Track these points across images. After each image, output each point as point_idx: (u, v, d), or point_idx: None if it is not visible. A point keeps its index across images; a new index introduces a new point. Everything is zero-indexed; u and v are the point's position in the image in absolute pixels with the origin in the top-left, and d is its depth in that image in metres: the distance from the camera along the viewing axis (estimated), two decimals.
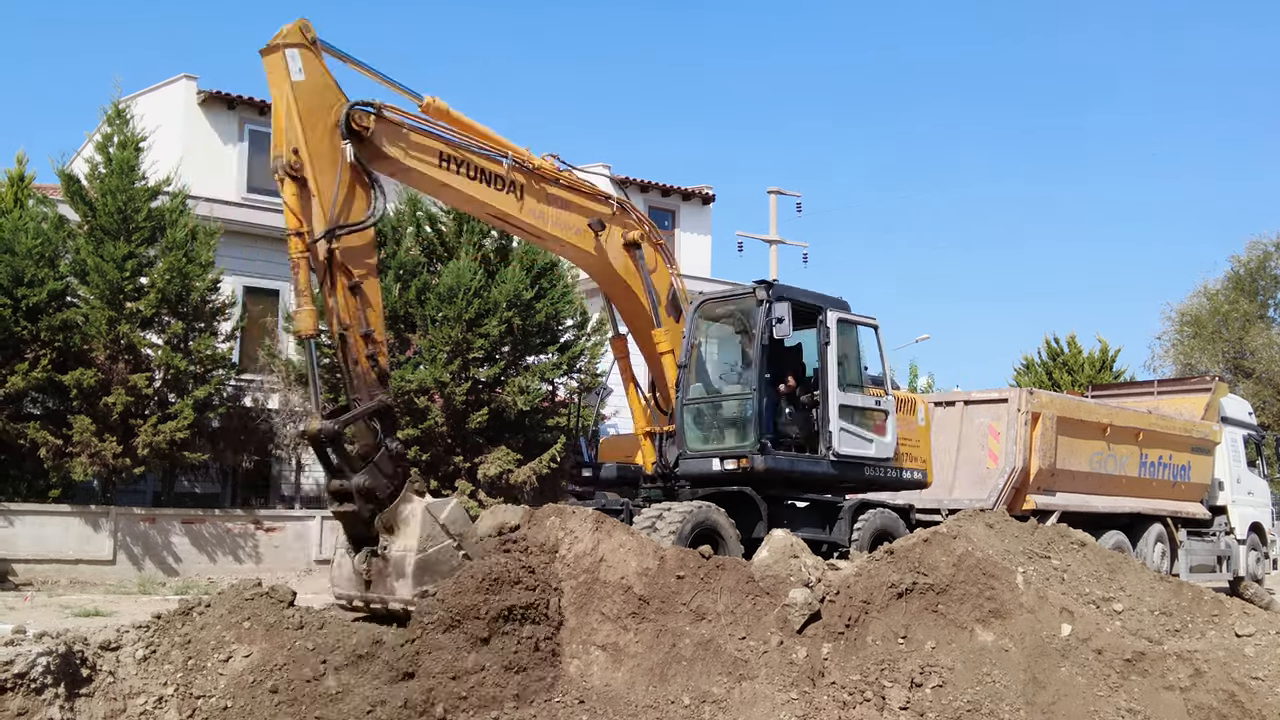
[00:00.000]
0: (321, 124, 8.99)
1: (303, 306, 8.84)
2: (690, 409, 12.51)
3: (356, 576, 8.59)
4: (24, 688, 6.13)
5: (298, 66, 8.88)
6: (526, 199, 10.93)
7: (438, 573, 8.16)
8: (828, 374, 12.54)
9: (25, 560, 18.08)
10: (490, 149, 10.65)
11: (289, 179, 8.88)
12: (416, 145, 9.92)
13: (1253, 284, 41.05)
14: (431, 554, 8.34)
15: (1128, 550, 16.62)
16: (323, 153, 8.97)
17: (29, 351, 18.47)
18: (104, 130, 20.00)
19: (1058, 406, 16.15)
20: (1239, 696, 7.14)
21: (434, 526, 8.48)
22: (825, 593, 7.77)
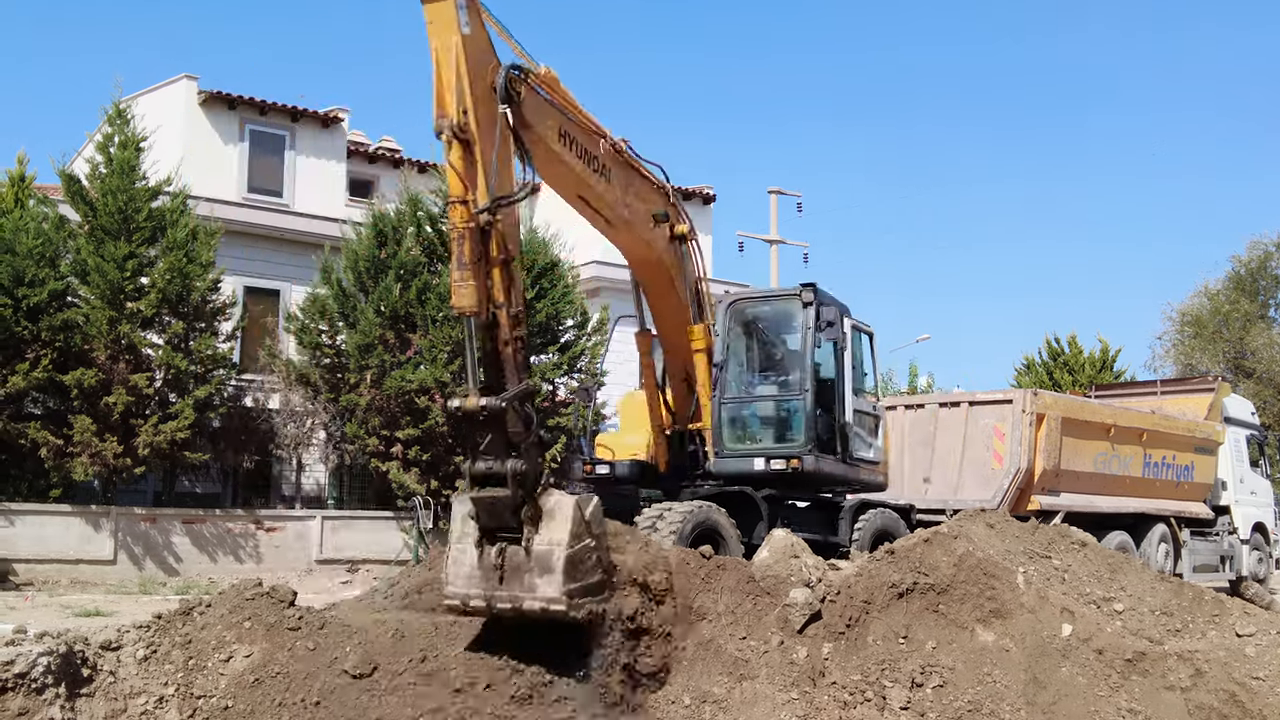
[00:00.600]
0: (481, 84, 8.26)
1: (467, 282, 7.99)
2: (729, 408, 12.50)
3: (485, 572, 7.65)
4: (25, 688, 6.13)
5: (464, 19, 8.08)
6: (613, 183, 10.41)
7: (580, 572, 7.56)
8: (844, 378, 12.60)
9: (26, 560, 18.10)
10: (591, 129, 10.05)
11: (456, 142, 8.09)
12: (547, 114, 9.26)
13: (1253, 284, 41.04)
14: (579, 550, 7.67)
15: (1131, 550, 16.62)
16: (487, 117, 8.25)
17: (30, 351, 18.48)
18: (105, 130, 20.02)
19: (1062, 407, 16.16)
20: (1240, 696, 7.13)
21: (581, 524, 7.80)
22: (826, 593, 7.77)
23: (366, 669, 6.96)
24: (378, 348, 20.70)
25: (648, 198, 11.11)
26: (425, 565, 8.38)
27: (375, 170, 28.70)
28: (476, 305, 7.90)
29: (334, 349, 21.57)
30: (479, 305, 7.90)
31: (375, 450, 20.85)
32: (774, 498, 12.29)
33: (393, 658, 7.12)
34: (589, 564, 7.62)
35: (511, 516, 7.76)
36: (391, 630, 7.39)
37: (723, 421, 12.44)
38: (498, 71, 8.30)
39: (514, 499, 7.69)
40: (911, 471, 16.04)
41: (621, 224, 10.98)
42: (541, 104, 9.06)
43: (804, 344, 12.39)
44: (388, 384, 20.39)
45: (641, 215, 11.01)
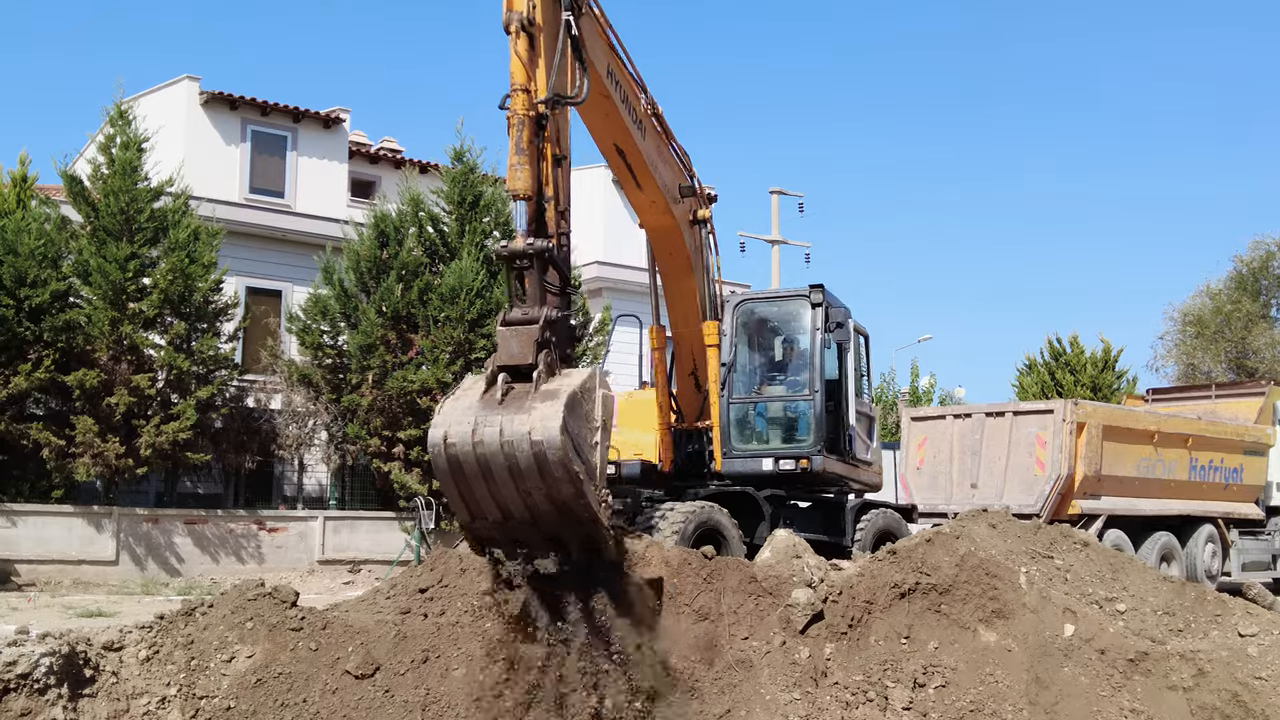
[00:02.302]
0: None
1: (523, 165, 8.15)
2: (736, 408, 12.57)
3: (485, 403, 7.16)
4: (27, 688, 6.15)
5: None
6: (649, 140, 10.65)
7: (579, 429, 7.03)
8: (847, 379, 12.73)
9: (28, 561, 18.11)
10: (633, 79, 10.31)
11: (523, 34, 8.31)
12: (596, 45, 9.44)
13: (1255, 284, 41.00)
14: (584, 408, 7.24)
15: (1176, 550, 17.45)
16: (551, 21, 8.55)
17: (32, 352, 18.49)
18: (106, 131, 20.04)
19: (1103, 416, 16.71)
20: (1242, 697, 7.13)
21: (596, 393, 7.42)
22: (828, 593, 7.76)
23: (368, 670, 6.97)
24: (379, 348, 20.71)
25: (675, 168, 11.31)
26: (427, 565, 8.38)
27: (377, 171, 28.71)
28: (530, 188, 8.00)
29: (336, 349, 21.57)
30: (531, 189, 8.00)
31: (377, 451, 20.85)
32: (777, 498, 12.31)
33: (395, 658, 7.11)
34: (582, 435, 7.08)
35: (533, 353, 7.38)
36: (394, 631, 7.39)
37: (730, 421, 12.45)
38: None
39: (540, 337, 7.41)
40: (960, 478, 16.79)
41: (650, 187, 11.09)
42: (597, 31, 9.33)
43: (812, 345, 12.49)
44: (389, 384, 20.39)
45: (669, 182, 11.15)
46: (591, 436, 7.29)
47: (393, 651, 7.17)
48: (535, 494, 6.83)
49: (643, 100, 10.43)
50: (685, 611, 7.69)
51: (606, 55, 9.65)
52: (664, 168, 11.07)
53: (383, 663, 7.05)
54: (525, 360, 7.32)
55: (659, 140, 10.89)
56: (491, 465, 6.81)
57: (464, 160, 22.11)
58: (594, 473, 7.18)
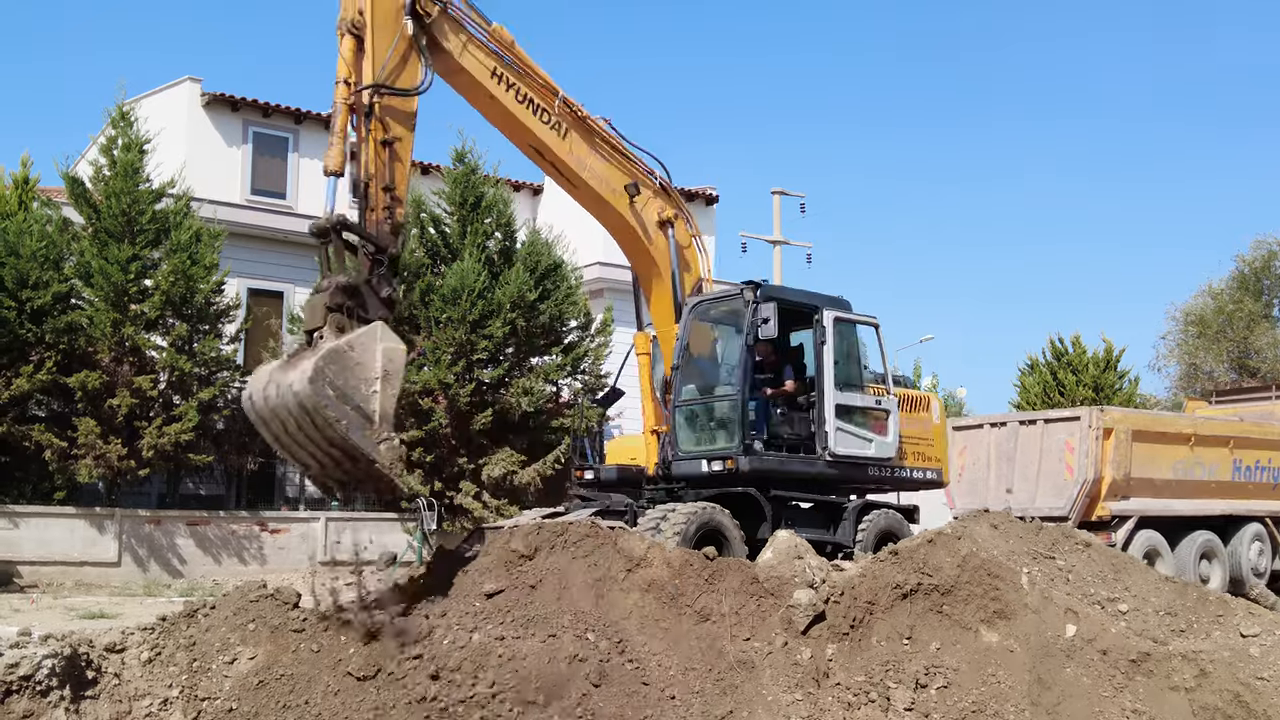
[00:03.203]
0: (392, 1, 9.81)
1: (334, 145, 9.33)
2: (682, 410, 12.58)
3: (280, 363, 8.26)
4: (29, 690, 6.15)
5: None
6: (570, 141, 11.62)
7: (345, 379, 7.88)
8: (823, 374, 12.52)
9: (30, 562, 18.10)
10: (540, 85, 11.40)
11: (349, 35, 9.50)
12: (475, 51, 10.78)
13: (1257, 283, 40.94)
14: (349, 356, 8.06)
15: (1218, 549, 17.82)
16: (386, 24, 9.69)
17: (34, 354, 18.49)
18: (108, 133, 20.04)
19: (1132, 421, 17.49)
20: (1244, 697, 7.13)
21: (376, 345, 8.36)
22: (830, 594, 7.76)
23: (370, 670, 6.97)
24: None
25: (618, 168, 12.04)
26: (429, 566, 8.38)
27: None
28: (338, 167, 9.26)
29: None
30: (339, 167, 9.25)
31: None
32: (779, 498, 12.31)
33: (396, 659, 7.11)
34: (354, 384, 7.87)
35: (321, 317, 8.45)
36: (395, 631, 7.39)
37: (678, 424, 12.54)
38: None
39: (330, 302, 8.44)
40: (996, 483, 17.60)
41: (584, 187, 12.12)
42: (465, 34, 10.66)
43: (741, 342, 12.34)
44: None
45: (608, 182, 11.97)
46: (368, 386, 8.12)
47: (395, 653, 7.16)
48: (317, 440, 7.77)
49: (556, 103, 11.40)
50: (687, 612, 7.69)
51: (490, 60, 10.93)
52: (599, 167, 11.86)
53: (385, 664, 7.05)
54: (315, 325, 8.42)
55: (587, 141, 11.71)
56: (279, 416, 7.89)
57: (465, 161, 22.10)
58: (371, 416, 8.00)
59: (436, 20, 10.28)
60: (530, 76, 11.31)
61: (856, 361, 13.15)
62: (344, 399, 7.84)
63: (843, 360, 12.83)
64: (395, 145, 9.65)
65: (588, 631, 7.34)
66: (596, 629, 7.36)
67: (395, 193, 9.62)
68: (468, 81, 11.05)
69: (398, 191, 9.68)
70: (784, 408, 12.71)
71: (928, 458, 13.70)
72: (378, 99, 9.47)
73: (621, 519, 11.58)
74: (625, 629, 7.44)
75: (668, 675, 7.23)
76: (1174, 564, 17.13)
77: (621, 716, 6.92)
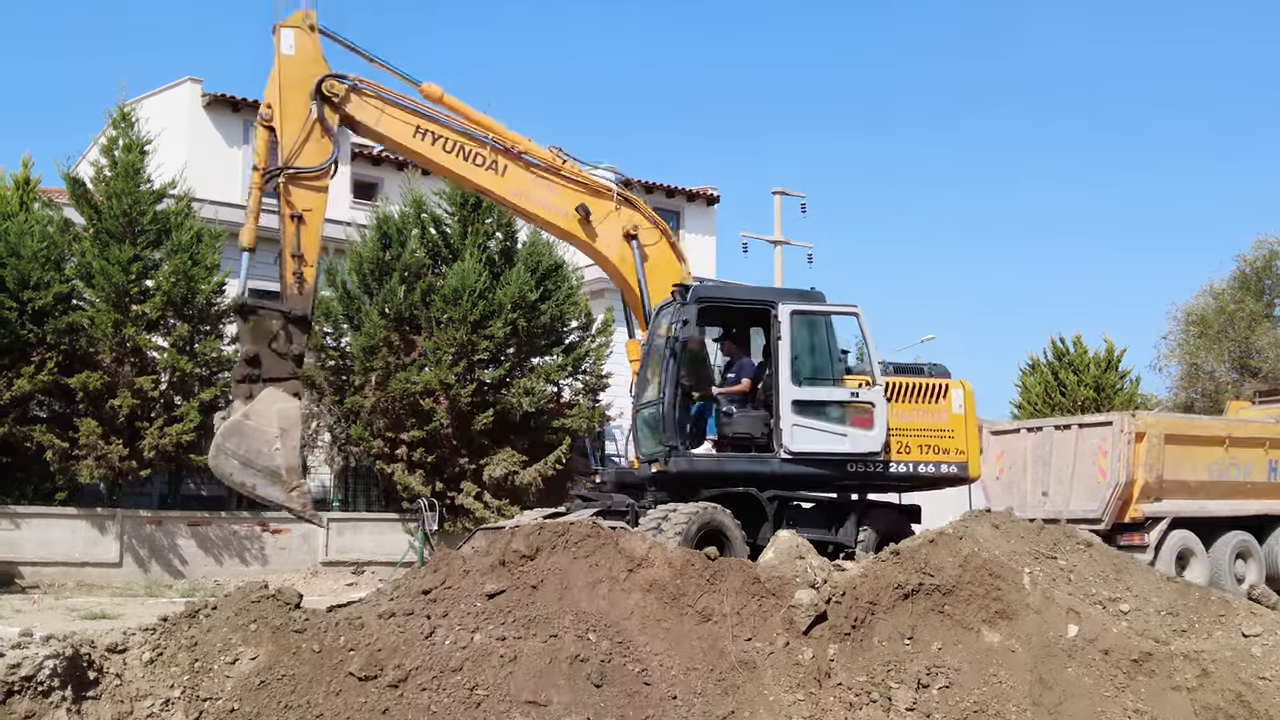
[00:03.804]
0: (305, 90, 11.44)
1: (246, 225, 11.40)
2: (640, 414, 12.77)
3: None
4: (31, 690, 6.15)
5: (290, 43, 11.41)
6: (509, 177, 12.47)
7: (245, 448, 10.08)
8: (778, 369, 12.23)
9: (32, 563, 18.11)
10: (477, 131, 12.41)
11: (262, 127, 11.39)
12: (394, 115, 12.07)
13: (1259, 283, 40.89)
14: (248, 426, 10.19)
15: (1253, 548, 18.07)
16: (295, 112, 11.38)
17: (35, 355, 18.50)
18: (109, 133, 20.05)
19: (1164, 425, 17.89)
20: (1246, 697, 7.13)
21: (268, 408, 10.28)
22: (831, 594, 7.76)
23: (372, 671, 6.97)
24: (382, 350, 20.71)
25: (563, 193, 12.74)
26: (430, 567, 8.39)
27: (379, 173, 28.71)
28: (248, 244, 11.42)
29: (339, 351, 21.58)
30: (249, 244, 11.41)
31: (380, 452, 20.85)
32: (781, 499, 12.30)
33: (398, 660, 7.11)
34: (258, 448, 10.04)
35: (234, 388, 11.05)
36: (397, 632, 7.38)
37: (637, 427, 12.85)
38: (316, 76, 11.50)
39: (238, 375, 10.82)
40: (1033, 487, 18.05)
41: (533, 216, 13.28)
42: (379, 104, 12.02)
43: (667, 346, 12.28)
44: (392, 386, 20.39)
45: (557, 208, 12.74)
46: (270, 446, 10.04)
47: (396, 653, 7.16)
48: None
49: (488, 145, 12.35)
50: (689, 613, 7.69)
51: (413, 120, 12.19)
52: (545, 195, 12.67)
53: (386, 665, 7.05)
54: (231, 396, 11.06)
55: (529, 174, 12.56)
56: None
57: None
58: (278, 471, 10.16)
59: (346, 99, 11.67)
60: (457, 125, 12.33)
61: (828, 354, 12.63)
62: (248, 464, 9.78)
63: (807, 354, 12.46)
64: (305, 216, 11.35)
65: (589, 632, 7.33)
66: (598, 629, 7.36)
67: (304, 259, 11.29)
68: (392, 143, 12.42)
69: (306, 257, 11.33)
70: (741, 407, 12.53)
71: (944, 450, 12.89)
72: (284, 180, 11.29)
73: (623, 519, 11.59)
74: (627, 629, 7.44)
75: (669, 675, 7.23)
76: (1209, 563, 17.37)
77: (623, 717, 6.92)
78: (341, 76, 11.71)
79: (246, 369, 10.69)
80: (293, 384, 10.89)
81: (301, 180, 11.35)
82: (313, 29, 11.60)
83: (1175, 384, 39.75)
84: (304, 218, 11.29)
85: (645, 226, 12.90)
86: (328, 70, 11.64)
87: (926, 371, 13.28)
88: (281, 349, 10.83)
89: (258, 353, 10.68)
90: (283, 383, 10.72)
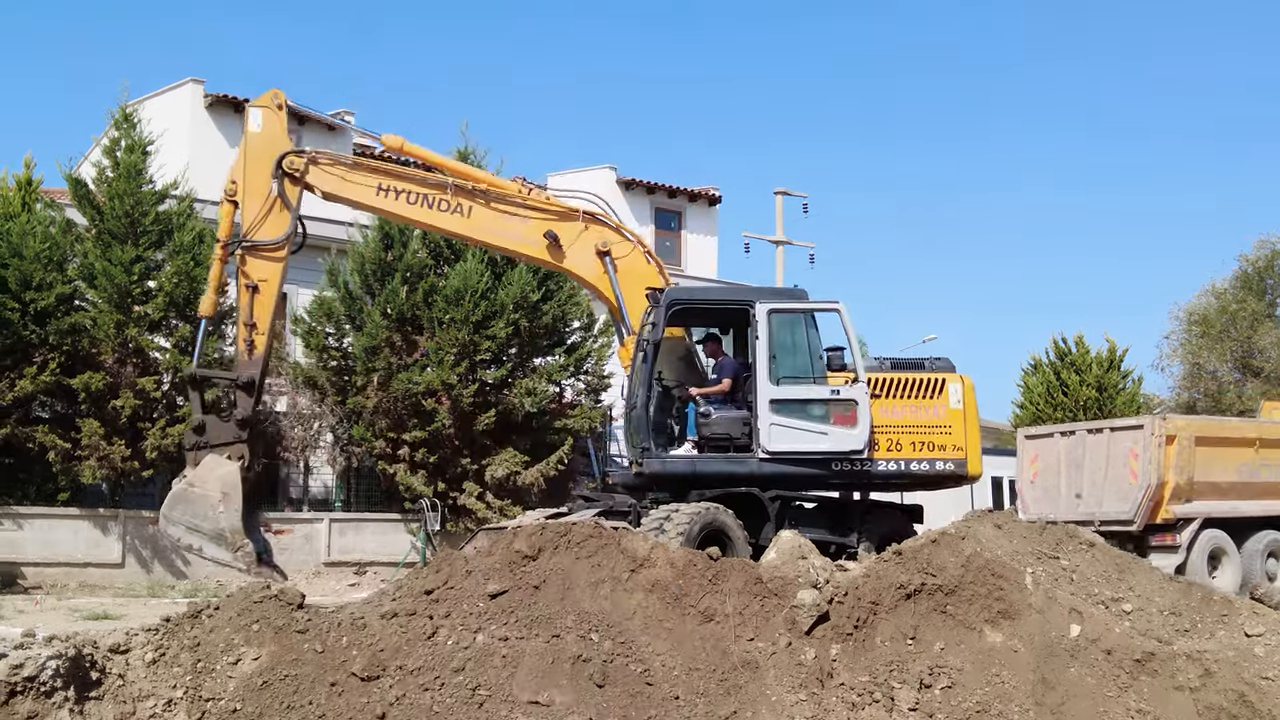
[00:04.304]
0: (268, 165, 12.28)
1: (208, 294, 12.62)
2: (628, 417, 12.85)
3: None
4: (34, 691, 6.15)
5: (257, 121, 12.38)
6: (475, 217, 12.89)
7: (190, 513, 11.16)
8: (756, 369, 12.18)
9: (34, 564, 18.13)
10: (437, 176, 13.07)
11: (227, 201, 12.30)
12: (355, 178, 12.79)
13: (1261, 282, 40.81)
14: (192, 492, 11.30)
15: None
16: (257, 187, 12.20)
17: (37, 355, 18.52)
18: (111, 134, 20.07)
19: (1195, 428, 18.15)
20: (1249, 696, 7.12)
21: (210, 474, 11.25)
22: (833, 594, 7.75)
23: (375, 671, 6.96)
24: (384, 350, 20.72)
25: (530, 223, 13.09)
26: (433, 567, 8.39)
27: None
28: (206, 312, 12.97)
29: (341, 351, 21.59)
30: (208, 312, 12.95)
31: (382, 452, 20.86)
32: (783, 499, 12.29)
33: (400, 660, 7.11)
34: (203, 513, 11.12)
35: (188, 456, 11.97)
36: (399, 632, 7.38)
37: (627, 430, 13.06)
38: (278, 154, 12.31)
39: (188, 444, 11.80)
40: (1066, 489, 18.35)
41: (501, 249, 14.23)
42: (339, 171, 12.75)
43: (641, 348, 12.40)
44: (395, 386, 20.40)
45: (526, 239, 13.10)
46: (214, 509, 11.09)
47: (398, 654, 7.16)
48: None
49: (449, 189, 12.82)
50: (691, 613, 7.68)
51: (374, 179, 12.77)
52: (513, 228, 13.05)
53: (388, 665, 7.05)
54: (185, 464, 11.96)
55: (494, 210, 12.96)
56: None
57: (469, 161, 22.10)
58: (223, 533, 11.23)
59: (306, 171, 12.38)
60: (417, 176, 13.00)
61: (809, 352, 12.41)
62: (194, 530, 10.79)
63: (787, 352, 12.30)
64: (260, 285, 12.03)
65: (591, 632, 7.33)
66: (600, 629, 7.35)
67: (256, 327, 12.01)
68: (357, 205, 13.31)
69: (259, 325, 12.05)
70: (722, 408, 12.51)
71: (939, 447, 12.56)
72: (241, 252, 12.05)
73: (625, 519, 11.59)
74: (629, 629, 7.44)
75: (672, 676, 7.22)
76: (1240, 562, 17.56)
77: (626, 717, 6.92)
78: (300, 151, 12.58)
79: (195, 437, 11.74)
80: (237, 448, 11.75)
81: (259, 252, 12.09)
82: (280, 108, 12.43)
83: (1177, 384, 39.67)
84: (259, 287, 11.98)
85: (616, 241, 13.10)
86: (290, 147, 12.49)
87: (928, 366, 13.03)
88: (225, 415, 11.92)
89: (204, 421, 11.77)
90: (226, 447, 11.66)
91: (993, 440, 31.12)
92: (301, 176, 12.39)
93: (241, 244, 12.03)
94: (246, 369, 12.05)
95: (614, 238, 13.14)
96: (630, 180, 30.83)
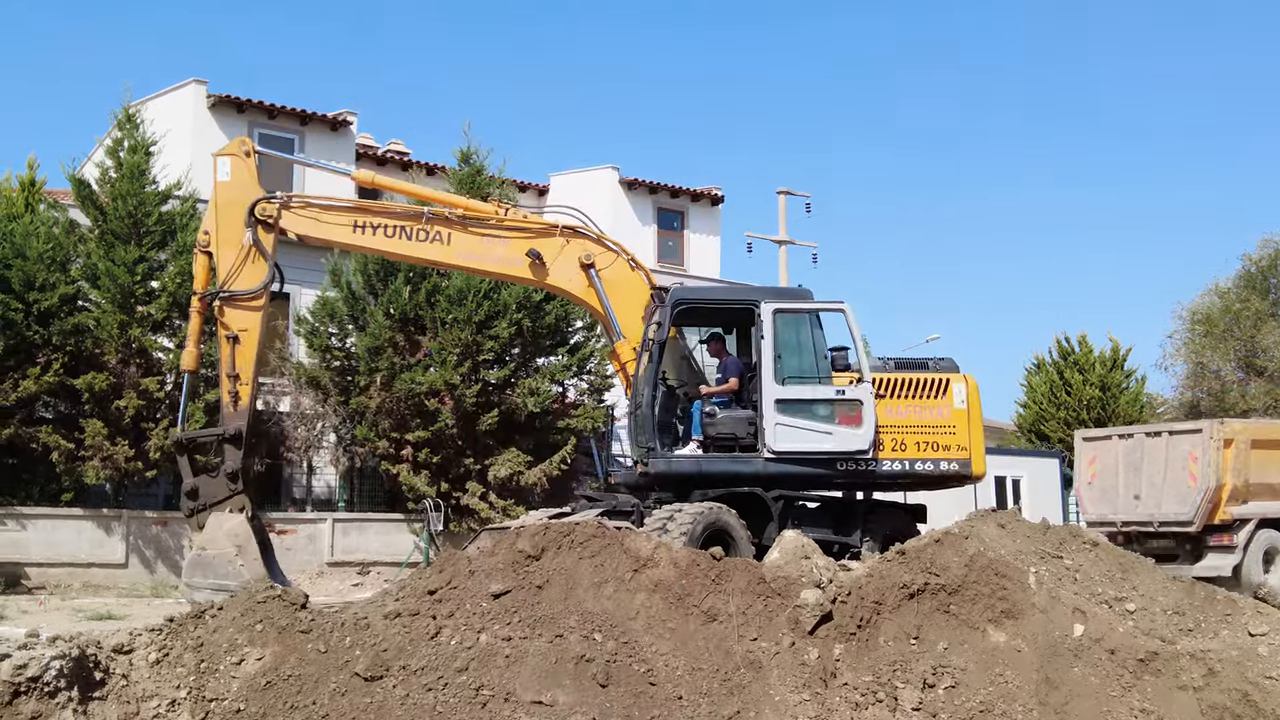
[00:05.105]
0: (240, 213, 11.93)
1: (189, 348, 12.15)
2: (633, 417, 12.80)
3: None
4: (38, 691, 6.15)
5: (225, 170, 12.10)
6: (454, 244, 12.68)
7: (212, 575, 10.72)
8: (761, 368, 12.21)
9: (38, 564, 18.15)
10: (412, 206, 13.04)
11: (200, 253, 11.93)
12: (328, 219, 12.50)
13: (1264, 282, 40.72)
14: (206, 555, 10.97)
15: None
16: (230, 237, 11.87)
17: (41, 356, 18.54)
18: (114, 135, 20.09)
19: (1251, 431, 18.62)
20: (1253, 696, 7.11)
21: (218, 532, 11.06)
22: (837, 594, 7.75)
23: (378, 671, 6.97)
24: (387, 350, 20.73)
25: (511, 243, 12.92)
26: (436, 567, 8.40)
27: (384, 173, 28.71)
28: (190, 365, 12.26)
29: (344, 352, 21.60)
30: (191, 366, 12.27)
31: (385, 453, 20.87)
32: (786, 498, 12.29)
33: (404, 660, 7.11)
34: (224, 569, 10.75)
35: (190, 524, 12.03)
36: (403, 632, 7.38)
37: (631, 430, 12.93)
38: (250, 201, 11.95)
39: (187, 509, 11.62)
40: (1125, 491, 18.80)
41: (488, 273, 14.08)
42: (313, 214, 12.43)
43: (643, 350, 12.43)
44: (397, 386, 20.41)
45: (509, 260, 12.91)
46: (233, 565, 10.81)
47: (402, 654, 7.17)
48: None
49: (424, 218, 12.63)
50: (694, 613, 7.68)
51: (348, 217, 12.54)
52: (493, 251, 12.88)
53: (392, 665, 7.05)
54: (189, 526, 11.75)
55: (474, 234, 12.77)
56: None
57: (471, 162, 22.12)
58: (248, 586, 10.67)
59: (279, 216, 12.13)
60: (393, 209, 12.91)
61: (815, 352, 12.46)
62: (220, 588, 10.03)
63: (792, 352, 12.35)
64: (241, 336, 11.77)
65: (594, 632, 7.33)
66: (603, 629, 7.36)
67: (239, 378, 11.82)
68: (334, 244, 13.25)
69: (242, 376, 11.84)
70: (728, 407, 12.52)
71: (944, 447, 12.56)
72: (219, 304, 11.79)
73: (628, 519, 11.59)
74: (632, 629, 7.44)
75: (675, 675, 7.22)
76: None
77: (629, 717, 6.92)
78: (272, 196, 12.25)
79: (190, 503, 11.56)
80: (235, 500, 11.49)
81: (237, 302, 11.85)
82: (249, 154, 12.26)
83: (1181, 383, 39.58)
84: (240, 337, 11.77)
85: (599, 252, 12.92)
86: (261, 194, 12.13)
87: (932, 366, 13.04)
88: (214, 473, 11.69)
89: (194, 485, 11.52)
90: (225, 502, 11.43)
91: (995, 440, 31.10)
92: (275, 222, 12.10)
93: (219, 295, 11.79)
94: (233, 421, 11.82)
95: (596, 249, 12.93)
96: (633, 180, 30.83)
